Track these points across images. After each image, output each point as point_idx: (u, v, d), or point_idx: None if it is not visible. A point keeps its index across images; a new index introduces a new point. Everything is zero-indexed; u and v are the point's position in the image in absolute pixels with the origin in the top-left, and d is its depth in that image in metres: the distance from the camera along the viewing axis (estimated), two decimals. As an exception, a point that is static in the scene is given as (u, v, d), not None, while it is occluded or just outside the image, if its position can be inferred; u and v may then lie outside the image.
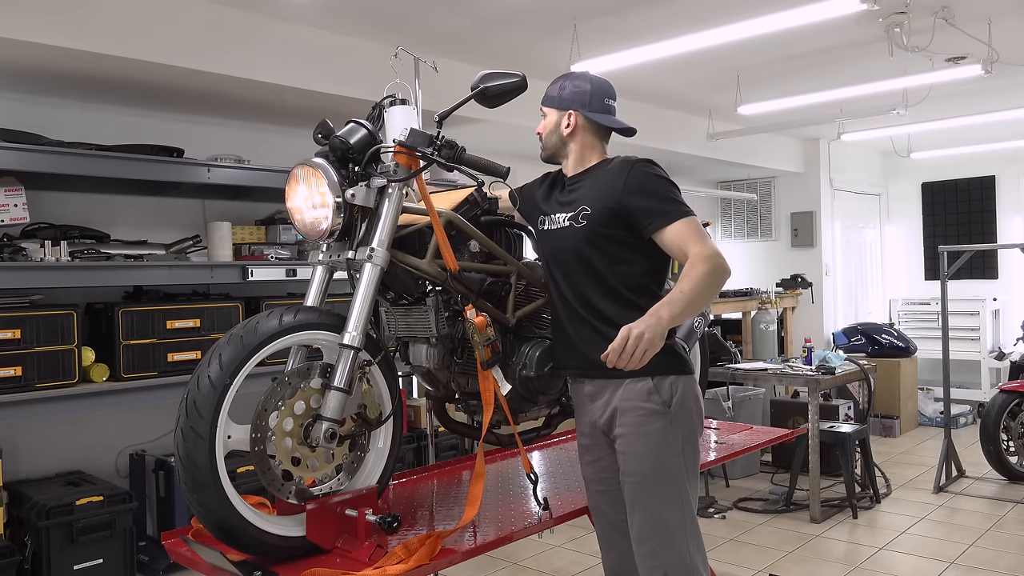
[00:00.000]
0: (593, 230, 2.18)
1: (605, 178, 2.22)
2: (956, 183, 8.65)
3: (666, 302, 2.00)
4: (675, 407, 2.14)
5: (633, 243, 2.17)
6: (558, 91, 2.31)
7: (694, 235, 2.09)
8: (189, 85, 4.06)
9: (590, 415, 2.25)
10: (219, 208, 4.75)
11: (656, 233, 2.11)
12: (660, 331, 1.94)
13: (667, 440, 2.13)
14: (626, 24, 4.42)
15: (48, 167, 3.56)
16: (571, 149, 2.31)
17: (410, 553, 1.94)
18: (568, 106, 2.28)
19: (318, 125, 2.18)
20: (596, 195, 2.20)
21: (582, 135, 2.29)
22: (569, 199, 2.28)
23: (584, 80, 2.31)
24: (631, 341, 1.91)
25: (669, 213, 2.11)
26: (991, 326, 8.09)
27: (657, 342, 1.93)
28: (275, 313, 1.98)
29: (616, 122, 2.31)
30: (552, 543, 4.53)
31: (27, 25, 3.31)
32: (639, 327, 1.92)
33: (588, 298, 2.20)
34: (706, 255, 2.04)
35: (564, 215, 2.25)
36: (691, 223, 2.11)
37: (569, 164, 2.33)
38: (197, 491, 1.84)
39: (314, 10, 4.04)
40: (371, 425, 2.16)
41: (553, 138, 2.32)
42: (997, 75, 5.20)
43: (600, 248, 2.18)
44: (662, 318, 1.95)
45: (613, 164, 2.24)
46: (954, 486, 5.63)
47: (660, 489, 2.12)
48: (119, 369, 3.82)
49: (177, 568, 3.77)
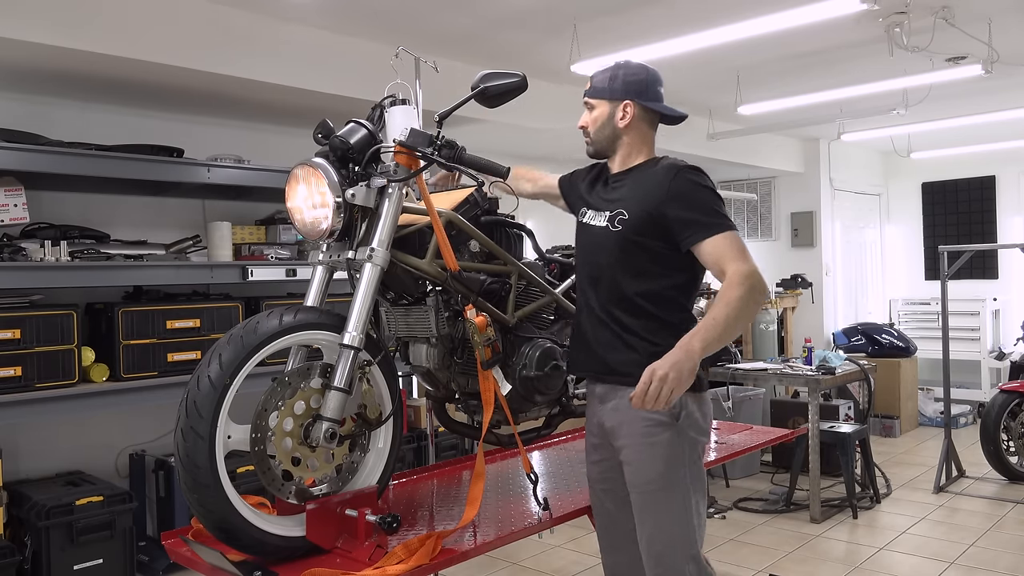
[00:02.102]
0: (628, 237, 2.10)
1: (649, 181, 2.12)
2: (956, 183, 8.65)
3: (699, 332, 1.90)
4: (683, 420, 2.08)
5: (668, 255, 2.08)
6: (609, 81, 2.19)
7: (734, 251, 2.00)
8: (189, 85, 4.06)
9: (599, 416, 2.22)
10: (219, 208, 4.75)
11: (694, 246, 2.03)
12: (690, 367, 1.85)
13: (673, 451, 2.08)
14: (626, 24, 4.42)
15: (48, 167, 3.56)
16: (623, 143, 2.21)
17: (410, 553, 1.94)
18: (623, 96, 2.17)
19: (318, 125, 2.18)
20: (636, 199, 2.11)
21: (637, 127, 2.19)
22: (611, 197, 2.20)
23: (637, 69, 2.20)
24: (655, 384, 1.83)
25: (709, 226, 2.02)
26: (991, 326, 8.09)
27: (685, 380, 1.84)
28: (275, 313, 1.98)
29: (672, 110, 2.22)
30: (552, 543, 4.53)
31: (27, 25, 3.31)
32: (664, 367, 1.83)
33: (612, 304, 2.14)
34: (743, 274, 1.95)
35: (603, 215, 2.19)
36: (732, 238, 2.02)
37: (617, 160, 2.24)
38: (197, 491, 1.84)
39: (314, 10, 4.04)
40: (371, 425, 2.16)
41: (605, 131, 2.21)
42: (997, 75, 5.20)
43: (633, 256, 2.10)
44: (693, 351, 1.87)
45: (659, 167, 2.13)
46: (954, 486, 5.62)
47: (667, 500, 2.08)
48: (119, 369, 3.82)
49: (177, 568, 3.77)
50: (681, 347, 1.87)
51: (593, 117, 2.22)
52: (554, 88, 5.56)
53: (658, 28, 4.41)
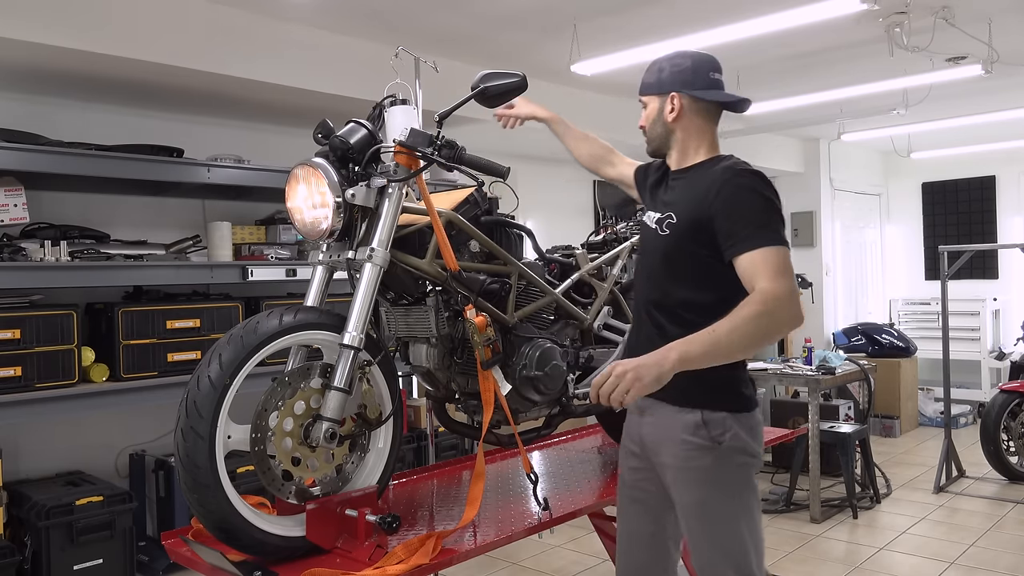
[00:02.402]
0: (674, 244, 1.97)
1: (702, 184, 1.96)
2: (956, 183, 8.65)
3: (687, 342, 1.76)
4: (727, 443, 1.92)
5: (716, 265, 1.92)
6: (656, 75, 2.06)
7: (770, 268, 1.81)
8: (189, 85, 4.06)
9: (639, 427, 2.09)
10: (219, 208, 4.75)
11: (734, 258, 1.87)
12: (656, 374, 1.70)
13: (716, 477, 1.93)
14: (626, 24, 4.42)
15: (48, 167, 3.56)
16: (676, 138, 2.06)
17: (410, 553, 1.93)
18: (669, 88, 2.03)
19: (318, 125, 2.18)
20: (687, 202, 1.97)
21: (688, 119, 2.03)
22: (665, 199, 2.07)
23: (682, 57, 2.05)
24: (611, 380, 1.72)
25: (751, 238, 1.84)
26: (991, 326, 8.09)
27: (648, 384, 1.70)
28: (275, 313, 1.98)
29: (725, 95, 2.05)
30: (552, 543, 4.53)
31: (27, 25, 3.31)
32: (627, 365, 1.72)
33: (658, 310, 2.03)
34: (766, 295, 1.78)
35: (655, 216, 2.06)
36: (773, 254, 1.82)
37: (674, 157, 2.10)
38: (197, 491, 1.84)
39: (314, 10, 4.04)
40: (371, 425, 2.16)
41: (657, 128, 2.08)
42: (997, 75, 5.20)
43: (678, 264, 1.98)
44: (667, 360, 1.72)
45: (716, 168, 1.97)
46: (954, 486, 5.62)
47: (712, 529, 1.95)
48: (119, 369, 3.82)
49: (177, 568, 3.77)
50: (659, 351, 1.74)
51: (647, 114, 2.10)
52: (554, 88, 5.56)
53: (658, 28, 4.41)
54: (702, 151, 2.05)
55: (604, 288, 2.74)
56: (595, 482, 2.68)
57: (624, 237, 2.95)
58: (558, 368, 2.42)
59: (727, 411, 1.93)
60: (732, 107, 2.09)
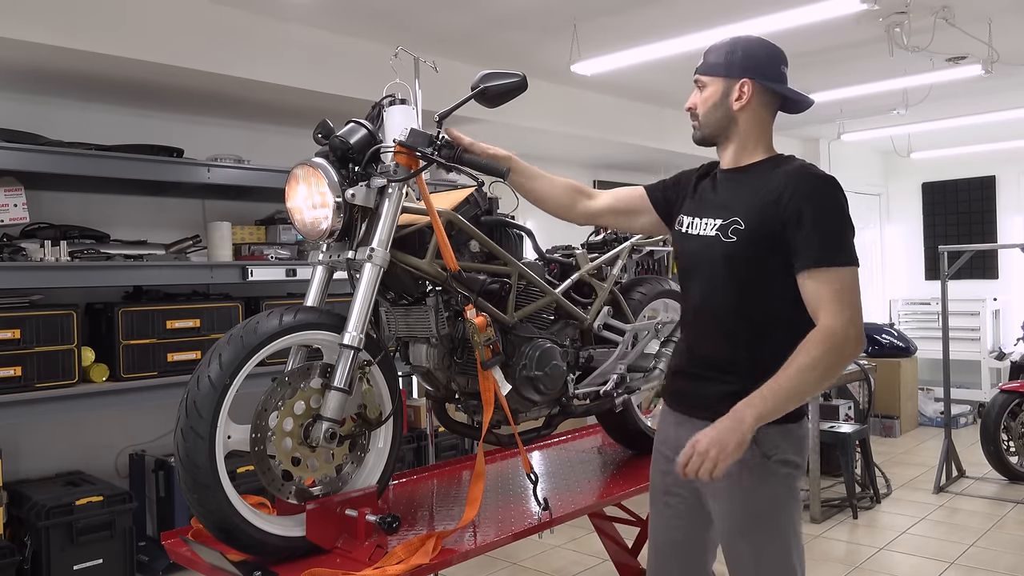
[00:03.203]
0: (744, 253, 1.84)
1: (771, 185, 1.83)
2: (956, 183, 8.65)
3: (757, 401, 1.70)
4: (777, 459, 1.85)
5: (784, 275, 1.82)
6: (725, 56, 1.91)
7: (835, 296, 1.74)
8: (189, 85, 4.06)
9: (676, 437, 1.96)
10: (219, 208, 4.75)
11: (800, 273, 1.78)
12: (737, 440, 1.67)
13: (762, 493, 1.86)
14: (626, 24, 4.42)
15: (48, 167, 3.56)
16: (738, 130, 1.92)
17: (410, 553, 1.93)
18: (742, 73, 1.88)
19: (318, 125, 2.18)
20: (755, 206, 1.83)
21: (753, 111, 1.91)
22: (721, 201, 1.92)
23: (758, 43, 1.92)
24: (695, 459, 1.69)
25: (824, 258, 1.76)
26: (991, 326, 8.09)
27: (731, 453, 1.67)
28: (275, 313, 1.98)
29: (797, 93, 1.93)
30: (552, 543, 4.53)
31: (27, 25, 3.31)
32: (706, 441, 1.68)
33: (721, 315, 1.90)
34: (828, 332, 1.72)
35: (712, 222, 1.90)
36: (842, 279, 1.75)
37: (729, 151, 1.96)
38: (197, 491, 1.84)
39: (314, 10, 4.04)
40: (371, 425, 2.16)
41: (718, 112, 1.92)
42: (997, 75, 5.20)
43: (748, 273, 1.85)
44: (743, 423, 1.68)
45: (786, 170, 1.85)
46: (954, 486, 5.62)
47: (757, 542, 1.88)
48: (119, 369, 3.82)
49: (177, 568, 3.77)
50: (733, 415, 1.70)
51: (704, 97, 1.94)
52: (554, 88, 5.56)
53: (658, 28, 4.41)
54: (760, 148, 1.94)
55: (604, 288, 2.74)
56: (595, 482, 2.68)
57: (624, 237, 2.95)
58: (558, 368, 2.42)
59: (777, 423, 1.81)
60: (793, 106, 1.97)
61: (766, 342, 1.84)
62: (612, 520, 3.36)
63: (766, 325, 1.85)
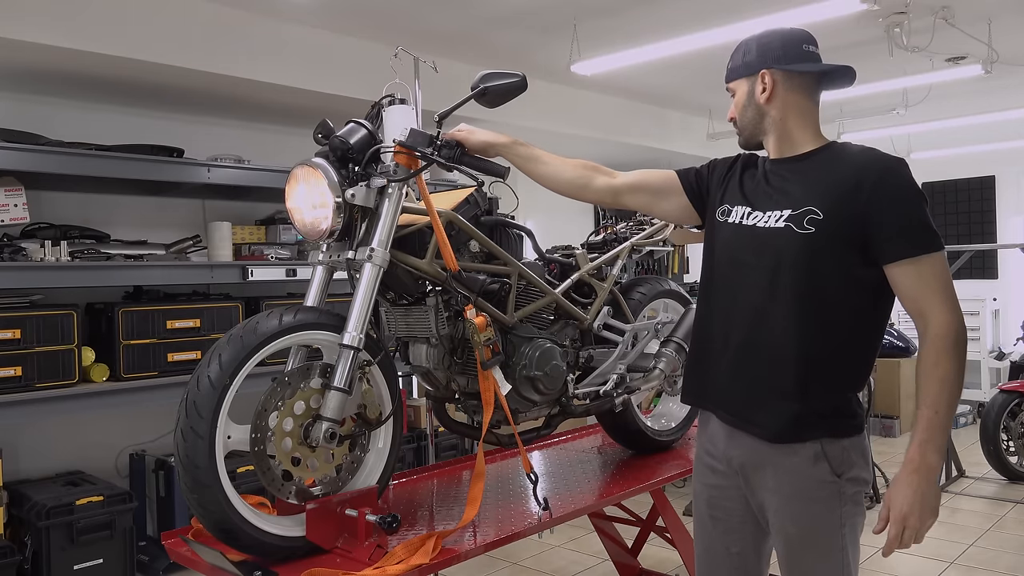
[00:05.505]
0: (820, 244, 1.72)
1: (840, 172, 1.75)
2: (956, 183, 8.65)
3: (930, 441, 1.65)
4: (847, 476, 1.78)
5: (862, 269, 1.73)
6: (742, 57, 1.88)
7: (939, 286, 1.67)
8: (189, 85, 4.06)
9: (725, 446, 1.89)
10: (219, 208, 4.75)
11: (891, 264, 1.69)
12: (934, 493, 1.62)
13: (830, 508, 1.78)
14: (626, 24, 4.42)
15: (48, 167, 3.57)
16: (772, 119, 1.85)
17: (410, 553, 1.93)
18: (759, 67, 1.84)
19: (318, 125, 2.18)
20: (831, 195, 1.73)
21: (782, 97, 1.83)
22: (781, 189, 1.82)
23: (769, 34, 1.87)
24: (907, 533, 1.62)
25: (917, 243, 1.67)
26: (991, 326, 8.09)
27: (934, 507, 1.63)
28: (275, 313, 1.98)
29: (824, 66, 1.83)
30: (552, 543, 4.53)
31: (27, 25, 3.31)
32: (907, 503, 1.62)
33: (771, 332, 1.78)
34: (954, 334, 1.66)
35: (778, 213, 1.79)
36: (941, 265, 1.68)
37: (772, 142, 1.88)
38: (197, 491, 1.84)
39: (314, 10, 4.04)
40: (371, 425, 2.16)
41: (749, 112, 1.87)
42: (997, 75, 5.21)
43: (822, 264, 1.73)
44: (932, 470, 1.63)
45: (852, 154, 1.77)
46: (954, 486, 5.62)
47: (820, 557, 1.81)
48: (119, 369, 3.82)
49: (177, 568, 3.77)
50: (915, 470, 1.64)
51: (736, 102, 1.91)
52: (554, 88, 5.56)
53: (658, 28, 4.42)
54: (808, 135, 1.84)
55: (604, 288, 2.74)
56: (595, 482, 2.68)
57: (624, 237, 2.95)
58: (558, 368, 2.42)
59: (845, 436, 1.77)
60: (833, 80, 1.86)
61: (829, 346, 1.76)
62: (612, 520, 3.37)
63: (830, 325, 1.75)
